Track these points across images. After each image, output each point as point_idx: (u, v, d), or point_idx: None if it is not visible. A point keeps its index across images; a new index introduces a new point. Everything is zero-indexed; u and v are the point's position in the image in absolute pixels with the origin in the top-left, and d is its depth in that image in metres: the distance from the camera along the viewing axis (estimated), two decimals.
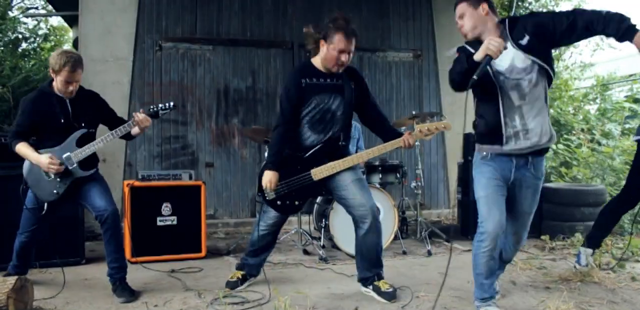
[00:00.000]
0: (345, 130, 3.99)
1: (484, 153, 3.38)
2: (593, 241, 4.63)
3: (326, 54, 3.77)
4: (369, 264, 3.94)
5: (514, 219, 3.44)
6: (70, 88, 3.85)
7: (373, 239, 3.87)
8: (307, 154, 3.88)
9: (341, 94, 3.89)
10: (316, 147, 3.87)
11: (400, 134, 3.91)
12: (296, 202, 3.95)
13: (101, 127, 4.14)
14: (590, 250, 4.61)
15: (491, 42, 2.98)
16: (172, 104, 4.10)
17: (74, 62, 3.75)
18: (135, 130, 4.01)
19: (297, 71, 3.96)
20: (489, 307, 3.31)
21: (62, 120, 3.88)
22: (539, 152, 3.34)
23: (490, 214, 3.22)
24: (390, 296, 3.80)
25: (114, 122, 4.12)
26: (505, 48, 3.00)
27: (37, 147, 3.90)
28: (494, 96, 3.24)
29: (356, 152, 6.14)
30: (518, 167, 3.32)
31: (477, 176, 3.40)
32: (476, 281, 3.36)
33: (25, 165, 3.95)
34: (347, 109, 3.92)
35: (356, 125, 6.37)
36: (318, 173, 3.85)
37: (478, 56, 3.05)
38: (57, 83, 3.84)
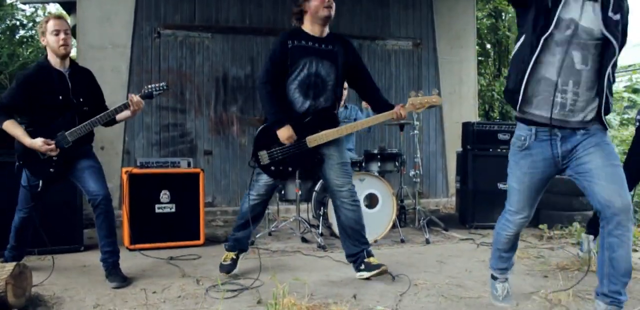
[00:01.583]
0: (338, 99, 4.04)
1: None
2: (594, 227, 4.63)
3: (311, 7, 3.84)
4: (351, 238, 4.00)
5: (598, 179, 2.73)
6: (63, 36, 3.79)
7: (351, 215, 3.95)
8: (301, 122, 3.89)
9: (330, 60, 3.91)
10: (310, 116, 3.90)
11: (392, 106, 3.95)
12: (289, 168, 3.98)
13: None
14: (591, 236, 4.61)
15: None
16: (164, 84, 4.09)
17: (55, 15, 3.79)
18: (123, 114, 3.99)
19: (285, 33, 3.97)
20: (504, 283, 3.31)
21: (61, 97, 3.83)
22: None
23: (521, 210, 3.06)
24: (379, 266, 3.88)
25: (100, 105, 4.09)
26: None
27: (30, 123, 3.84)
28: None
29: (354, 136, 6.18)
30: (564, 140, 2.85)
31: (512, 165, 3.05)
32: (494, 253, 3.31)
33: (17, 142, 3.87)
34: (337, 74, 3.94)
35: (353, 107, 6.38)
36: (313, 140, 3.89)
37: None
38: (51, 43, 3.80)
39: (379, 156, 5.77)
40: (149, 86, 4.05)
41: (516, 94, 2.83)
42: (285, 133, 3.82)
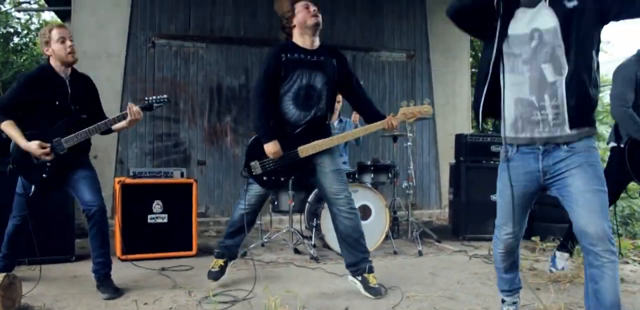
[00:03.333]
0: (330, 109, 4.06)
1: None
2: (571, 244, 4.61)
3: (299, 19, 3.90)
4: (351, 247, 3.97)
5: (576, 206, 2.64)
6: (69, 43, 3.81)
7: (349, 224, 3.93)
8: (293, 132, 3.91)
9: (323, 71, 3.94)
10: (303, 126, 3.91)
11: (383, 116, 3.99)
12: (281, 178, 4.00)
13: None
14: (566, 254, 4.60)
15: None
16: (165, 97, 4.09)
17: (57, 24, 3.76)
18: (119, 124, 3.96)
19: (277, 46, 4.00)
20: (510, 306, 3.19)
21: (58, 102, 3.81)
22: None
23: (504, 224, 2.97)
24: (376, 292, 3.84)
25: (98, 113, 4.07)
26: None
27: (28, 126, 3.81)
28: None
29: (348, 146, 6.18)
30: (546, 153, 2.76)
31: (498, 178, 3.00)
32: (497, 273, 3.22)
33: (13, 144, 3.84)
34: (330, 85, 3.97)
35: (347, 121, 6.41)
36: (304, 150, 3.90)
37: None
38: (56, 50, 3.80)
39: (372, 168, 5.76)
40: (150, 98, 4.05)
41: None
42: (272, 148, 3.84)
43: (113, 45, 7.10)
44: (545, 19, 2.63)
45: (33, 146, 3.71)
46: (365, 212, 5.37)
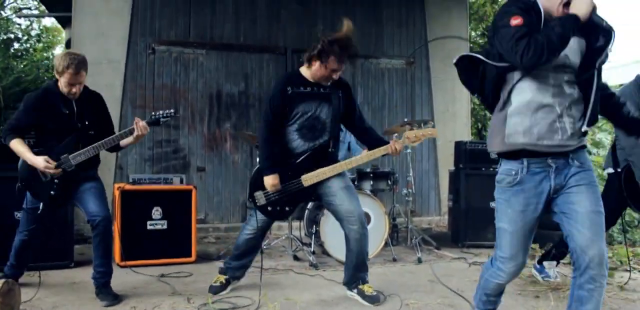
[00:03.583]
0: (335, 138, 4.03)
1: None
2: (560, 254, 4.60)
3: (317, 71, 3.84)
4: (355, 268, 3.98)
5: (582, 226, 2.60)
6: (74, 90, 3.82)
7: (360, 244, 3.90)
8: (297, 161, 3.90)
9: (328, 103, 3.94)
10: (306, 154, 3.91)
11: (386, 142, 3.98)
12: (286, 208, 3.98)
13: None
14: (554, 262, 4.60)
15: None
16: (172, 111, 4.09)
17: (78, 64, 3.72)
18: (126, 140, 3.98)
19: (283, 79, 4.00)
20: None
21: (65, 120, 3.84)
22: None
23: (514, 256, 2.76)
24: (374, 300, 3.85)
25: (107, 129, 4.09)
26: None
27: (37, 144, 3.87)
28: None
29: (348, 155, 6.16)
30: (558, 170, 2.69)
31: (501, 204, 2.82)
32: (481, 295, 3.05)
33: (21, 163, 3.89)
34: (335, 117, 3.97)
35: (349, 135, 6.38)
36: (308, 179, 3.88)
37: (584, 10, 2.46)
38: (61, 84, 3.81)
39: (371, 175, 5.76)
40: (157, 113, 4.05)
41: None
42: (271, 181, 3.84)
43: (113, 51, 7.10)
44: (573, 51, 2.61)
45: (39, 160, 3.73)
46: (365, 219, 5.35)
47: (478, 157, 6.33)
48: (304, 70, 3.95)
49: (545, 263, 4.64)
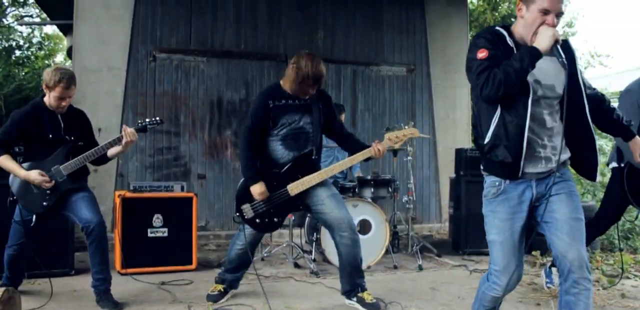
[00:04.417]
0: (317, 147, 4.06)
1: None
2: None
3: (294, 90, 3.92)
4: (350, 276, 3.98)
5: (561, 232, 2.67)
6: (63, 103, 3.91)
7: (352, 251, 3.90)
8: (281, 170, 3.92)
9: (309, 114, 3.98)
10: (290, 163, 3.93)
11: (367, 146, 3.99)
12: (275, 219, 3.98)
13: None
14: (555, 269, 4.60)
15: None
16: (159, 118, 4.19)
17: (68, 79, 3.82)
18: (114, 150, 4.02)
19: (264, 93, 4.05)
20: None
21: (51, 135, 3.91)
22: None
23: (507, 267, 2.78)
24: (374, 307, 3.85)
25: (90, 144, 4.12)
26: None
27: (26, 157, 3.93)
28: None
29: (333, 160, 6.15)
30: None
31: (489, 216, 2.87)
32: (479, 306, 3.02)
33: (11, 176, 3.93)
34: (317, 127, 4.01)
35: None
36: (294, 188, 3.89)
37: (545, 44, 2.53)
38: (50, 98, 3.88)
39: (372, 182, 5.76)
40: (144, 121, 4.14)
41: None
42: (257, 189, 3.85)
43: (114, 59, 7.12)
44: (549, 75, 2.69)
45: (33, 174, 3.77)
46: (365, 226, 5.36)
47: (478, 164, 6.28)
48: (283, 83, 3.99)
49: (554, 269, 4.64)
